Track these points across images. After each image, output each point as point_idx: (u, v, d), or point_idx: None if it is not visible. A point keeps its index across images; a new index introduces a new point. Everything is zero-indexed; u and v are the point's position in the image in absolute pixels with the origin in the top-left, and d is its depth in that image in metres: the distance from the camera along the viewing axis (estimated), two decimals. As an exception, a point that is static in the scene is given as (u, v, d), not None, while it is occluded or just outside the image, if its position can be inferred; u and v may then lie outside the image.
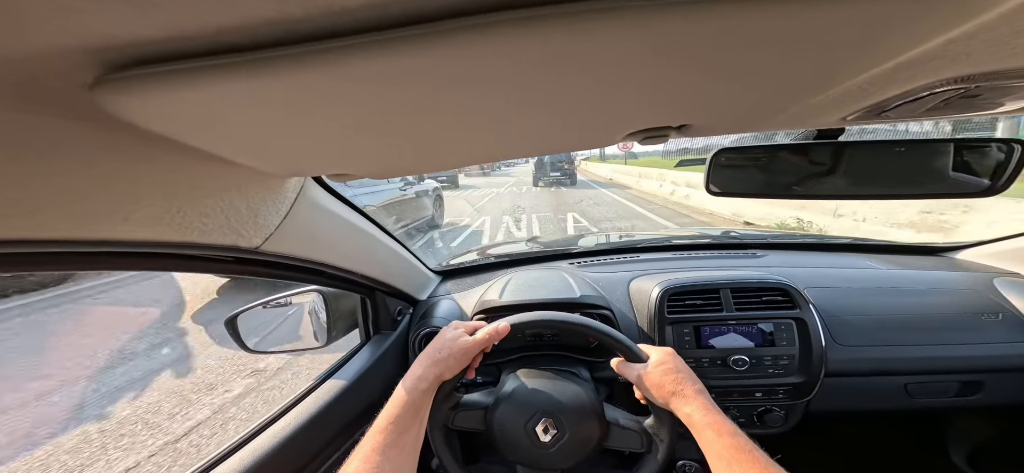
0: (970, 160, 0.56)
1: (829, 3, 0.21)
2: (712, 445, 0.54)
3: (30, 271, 0.37)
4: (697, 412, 0.58)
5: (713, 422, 0.56)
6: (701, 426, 0.57)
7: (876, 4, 0.22)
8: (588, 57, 0.26)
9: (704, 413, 0.58)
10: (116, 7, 0.17)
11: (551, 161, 15.82)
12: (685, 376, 0.64)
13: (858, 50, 0.28)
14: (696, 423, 0.58)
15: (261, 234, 0.52)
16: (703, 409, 0.58)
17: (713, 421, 0.56)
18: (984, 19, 0.24)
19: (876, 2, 0.22)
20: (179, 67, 0.22)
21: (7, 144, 0.27)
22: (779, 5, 0.22)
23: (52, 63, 0.22)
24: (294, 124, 0.31)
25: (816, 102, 0.38)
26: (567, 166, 16.11)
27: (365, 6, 0.19)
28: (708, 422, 0.56)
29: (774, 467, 0.49)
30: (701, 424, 0.57)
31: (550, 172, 15.94)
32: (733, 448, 0.52)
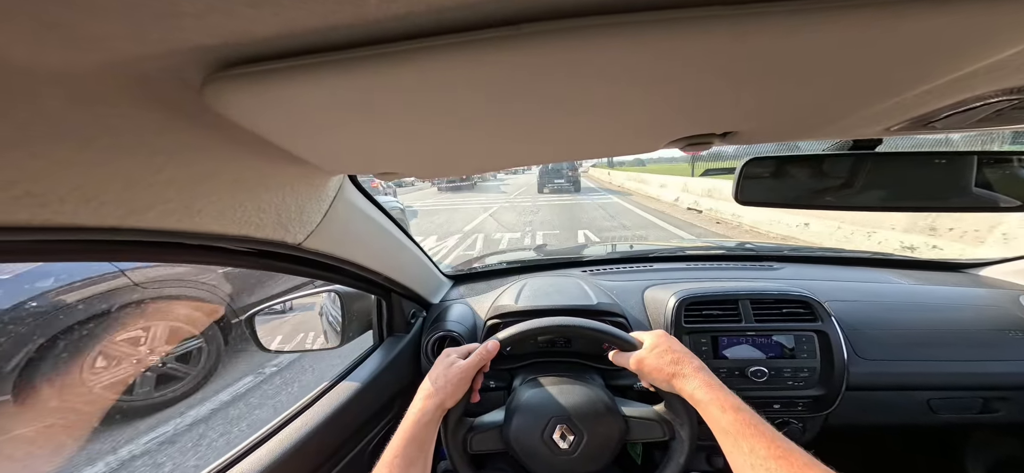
0: (1006, 175, 0.55)
1: (891, 18, 0.21)
2: (717, 421, 0.54)
3: (117, 260, 0.38)
4: (699, 389, 0.57)
5: (716, 397, 0.56)
6: (705, 403, 0.56)
7: (944, 18, 0.21)
8: (643, 66, 0.26)
9: (707, 389, 0.57)
10: (229, 10, 0.19)
11: (556, 168, 16.08)
12: (681, 354, 0.63)
13: (919, 62, 0.27)
14: (700, 400, 0.57)
15: (305, 230, 0.54)
16: (705, 385, 0.58)
17: (716, 396, 0.56)
18: None
19: (950, 11, 0.21)
20: (278, 65, 0.23)
21: (117, 141, 0.28)
22: (837, 17, 0.21)
23: (166, 62, 0.23)
24: (364, 122, 0.32)
25: (868, 113, 0.38)
26: (571, 173, 16.56)
27: (456, 6, 0.20)
28: (711, 398, 0.56)
29: (780, 439, 0.49)
30: (705, 401, 0.56)
31: (555, 179, 16.34)
32: (739, 422, 0.52)
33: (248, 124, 0.30)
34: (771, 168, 0.64)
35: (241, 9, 0.19)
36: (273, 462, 0.67)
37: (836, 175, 0.61)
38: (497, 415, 0.76)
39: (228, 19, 0.20)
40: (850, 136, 0.53)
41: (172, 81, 0.25)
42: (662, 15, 0.22)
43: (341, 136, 0.36)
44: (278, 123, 0.31)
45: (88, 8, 0.18)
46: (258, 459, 0.67)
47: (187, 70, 0.25)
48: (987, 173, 0.55)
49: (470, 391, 0.68)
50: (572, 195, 14.44)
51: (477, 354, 0.69)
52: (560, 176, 16.24)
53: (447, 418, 0.66)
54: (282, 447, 0.70)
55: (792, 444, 0.48)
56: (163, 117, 0.29)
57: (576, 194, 15.04)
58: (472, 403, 0.71)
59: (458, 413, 0.68)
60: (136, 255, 0.39)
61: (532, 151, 0.47)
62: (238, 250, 0.49)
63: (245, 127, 0.31)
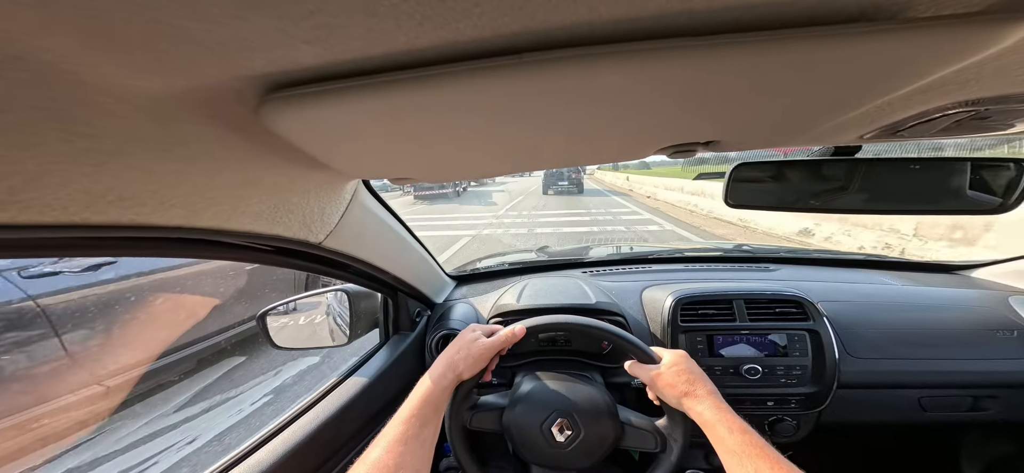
0: (983, 178, 0.58)
1: (848, 37, 0.25)
2: (724, 441, 0.55)
3: (179, 256, 0.43)
4: (709, 410, 0.59)
5: (724, 419, 0.57)
6: (713, 423, 0.58)
7: (895, 37, 0.25)
8: (629, 87, 0.30)
9: (715, 411, 0.59)
10: (291, 46, 0.23)
11: (559, 171, 16.83)
12: (697, 377, 0.66)
13: (878, 78, 0.31)
14: (708, 421, 0.59)
15: (325, 230, 0.58)
16: (714, 407, 0.60)
17: (724, 418, 0.58)
18: (995, 50, 0.27)
19: (895, 35, 0.25)
20: (320, 88, 0.28)
21: (187, 151, 0.33)
22: (795, 43, 0.25)
23: (233, 86, 0.28)
24: (387, 134, 0.37)
25: (836, 123, 0.41)
26: (574, 176, 17.55)
27: (468, 41, 0.24)
28: (719, 419, 0.58)
29: (785, 463, 0.50)
30: (713, 421, 0.58)
31: (558, 181, 17.31)
32: (744, 444, 0.53)
33: (291, 136, 0.35)
34: (758, 172, 0.68)
35: (299, 45, 0.23)
36: (287, 453, 0.71)
37: (820, 179, 0.65)
38: (501, 398, 0.79)
39: (288, 52, 0.24)
40: (826, 143, 0.56)
41: (233, 101, 0.30)
42: (645, 45, 0.26)
43: (366, 145, 0.40)
44: (315, 135, 0.36)
45: (188, 43, 0.22)
46: (272, 450, 0.70)
47: (247, 92, 0.29)
48: (966, 177, 0.58)
49: (485, 369, 0.71)
50: (575, 196, 15.44)
51: (501, 336, 0.71)
52: (563, 179, 17.13)
53: (457, 390, 0.68)
54: (295, 439, 0.73)
55: (794, 467, 0.50)
56: (222, 131, 0.34)
57: (579, 195, 15.94)
58: (484, 382, 0.74)
59: (468, 387, 0.71)
60: (192, 252, 0.44)
61: (533, 159, 0.51)
62: (267, 248, 0.54)
63: (288, 139, 0.35)
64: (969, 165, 0.59)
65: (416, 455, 0.55)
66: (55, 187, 0.27)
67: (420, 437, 0.56)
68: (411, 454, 0.54)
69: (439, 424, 0.62)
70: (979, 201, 0.59)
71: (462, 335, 0.72)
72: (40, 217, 0.27)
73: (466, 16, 0.22)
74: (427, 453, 0.58)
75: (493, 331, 0.73)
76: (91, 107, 0.25)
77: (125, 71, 0.24)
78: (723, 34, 0.25)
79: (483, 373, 0.71)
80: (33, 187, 0.26)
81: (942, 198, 0.61)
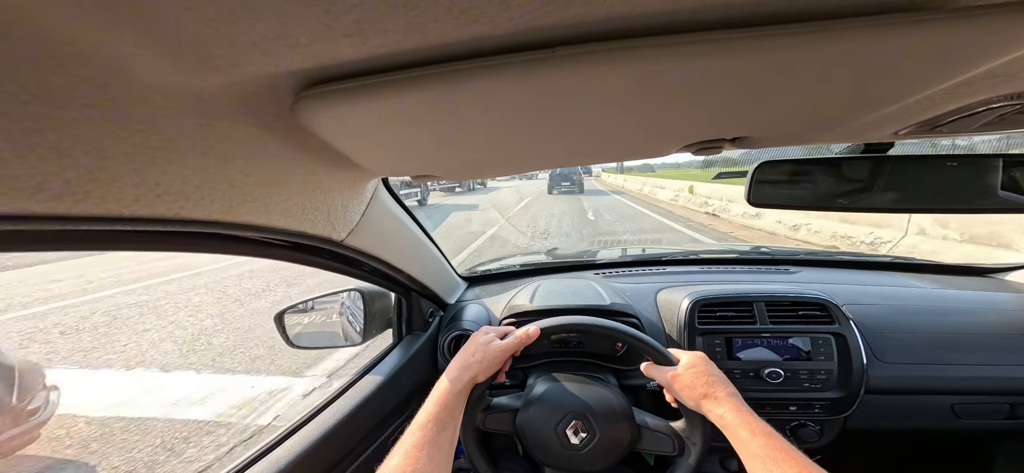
0: (1017, 176, 0.56)
1: (894, 27, 0.23)
2: (746, 445, 0.54)
3: (217, 251, 0.44)
4: (729, 413, 0.58)
5: (746, 422, 0.56)
6: (734, 426, 0.56)
7: (943, 27, 0.23)
8: (657, 81, 0.30)
9: (736, 413, 0.57)
10: (332, 40, 0.24)
11: (563, 173, 20.08)
12: (717, 378, 0.64)
13: (923, 70, 0.29)
14: (728, 424, 0.57)
15: (347, 227, 0.59)
16: (735, 410, 0.58)
17: (746, 421, 0.56)
18: None
19: (944, 25, 0.23)
20: (353, 83, 0.28)
21: (226, 149, 0.34)
22: (830, 34, 0.24)
23: (271, 81, 0.28)
24: (414, 130, 0.37)
25: (873, 118, 0.40)
26: (576, 177, 20.44)
27: (500, 35, 0.24)
28: (741, 422, 0.56)
29: (813, 467, 0.49)
30: (734, 424, 0.56)
31: (562, 182, 19.95)
32: (769, 447, 0.52)
33: (323, 132, 0.35)
34: (783, 171, 0.66)
35: (339, 39, 0.24)
36: (303, 451, 0.71)
37: (848, 178, 0.63)
38: (514, 400, 0.78)
39: (328, 46, 0.25)
40: (858, 140, 0.54)
41: (269, 99, 0.31)
42: (674, 39, 0.25)
43: (393, 142, 0.40)
44: (346, 131, 0.36)
45: (235, 39, 0.23)
46: (290, 448, 0.71)
47: (283, 89, 0.30)
48: (998, 176, 0.55)
49: (499, 371, 0.71)
50: (576, 195, 18.23)
51: (515, 338, 0.71)
52: (566, 180, 19.91)
53: (472, 392, 0.68)
54: (312, 437, 0.74)
55: (823, 471, 0.48)
56: (258, 130, 0.35)
57: (580, 194, 18.73)
58: (497, 384, 0.74)
59: (482, 389, 0.71)
60: (228, 248, 0.45)
61: (556, 155, 0.51)
62: (292, 244, 0.55)
63: (320, 135, 0.36)
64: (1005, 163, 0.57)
65: (434, 460, 0.55)
66: (108, 181, 0.28)
67: (437, 442, 0.56)
68: (429, 459, 0.54)
69: (457, 428, 0.61)
70: (1016, 201, 0.56)
71: (475, 337, 0.72)
72: (94, 209, 0.28)
73: (504, 8, 0.22)
74: (446, 457, 0.57)
75: (506, 332, 0.72)
76: (143, 104, 0.26)
77: (174, 68, 0.25)
78: (759, 26, 0.24)
79: (497, 375, 0.71)
80: (87, 181, 0.27)
81: (974, 197, 0.58)
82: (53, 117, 0.23)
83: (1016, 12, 0.23)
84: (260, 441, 0.72)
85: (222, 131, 0.33)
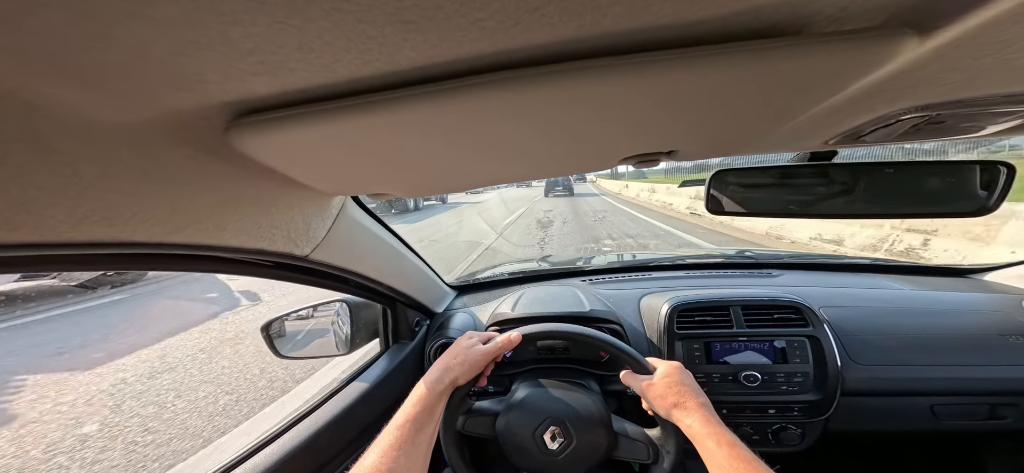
0: (962, 181, 0.58)
1: (761, 53, 0.27)
2: (712, 455, 0.55)
3: (161, 269, 0.47)
4: (697, 423, 0.59)
5: (713, 432, 0.57)
6: (701, 436, 0.58)
7: (803, 52, 0.27)
8: (591, 98, 0.33)
9: (704, 424, 0.59)
10: (240, 78, 0.26)
11: (555, 180, 24.48)
12: (688, 389, 0.66)
13: (801, 89, 0.33)
14: (696, 433, 0.59)
15: (311, 244, 0.61)
16: (703, 420, 0.59)
17: (713, 431, 0.57)
18: (906, 60, 0.28)
19: (804, 50, 0.27)
20: (281, 114, 0.31)
21: (164, 173, 0.36)
22: (734, 59, 0.27)
23: (198, 113, 0.31)
24: (358, 153, 0.40)
25: (789, 130, 0.43)
26: (567, 183, 25.35)
27: (425, 65, 0.27)
28: (708, 432, 0.57)
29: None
30: (701, 434, 0.58)
31: (556, 188, 24.39)
32: (732, 457, 0.53)
33: (261, 158, 0.38)
34: (737, 179, 0.68)
35: (248, 78, 0.26)
36: (284, 456, 0.73)
37: (799, 184, 0.65)
38: (495, 404, 0.80)
39: (239, 84, 0.27)
40: (792, 149, 0.57)
41: (203, 126, 0.33)
42: (604, 62, 0.28)
43: (335, 164, 0.43)
44: (283, 156, 0.38)
45: (148, 78, 0.25)
46: (270, 454, 0.73)
47: (214, 118, 0.32)
48: (936, 181, 0.58)
49: (480, 375, 0.72)
50: (568, 197, 22.25)
51: (497, 342, 0.72)
52: (559, 185, 24.53)
53: (453, 395, 0.70)
54: (292, 444, 0.76)
55: None
56: (197, 153, 0.37)
57: (570, 196, 22.87)
58: (478, 387, 0.75)
59: (463, 392, 0.72)
60: (175, 265, 0.47)
61: (505, 171, 0.53)
62: (255, 262, 0.57)
63: (259, 160, 0.38)
64: (948, 168, 0.59)
65: (411, 459, 0.56)
66: (41, 210, 0.29)
67: (415, 442, 0.57)
68: (406, 458, 0.55)
69: (435, 429, 0.62)
70: (960, 204, 0.59)
71: (458, 342, 0.73)
72: (28, 237, 0.30)
73: (400, 46, 0.24)
74: (422, 457, 0.59)
75: (489, 338, 0.74)
76: (71, 137, 0.28)
77: (97, 105, 0.27)
78: (668, 49, 0.27)
79: (479, 378, 0.73)
80: (21, 210, 0.28)
81: (924, 201, 0.61)
82: None
83: (861, 38, 0.26)
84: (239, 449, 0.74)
85: (158, 157, 0.34)
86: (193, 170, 0.38)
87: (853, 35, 0.25)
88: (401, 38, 0.23)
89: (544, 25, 0.23)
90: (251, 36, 0.22)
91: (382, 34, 0.23)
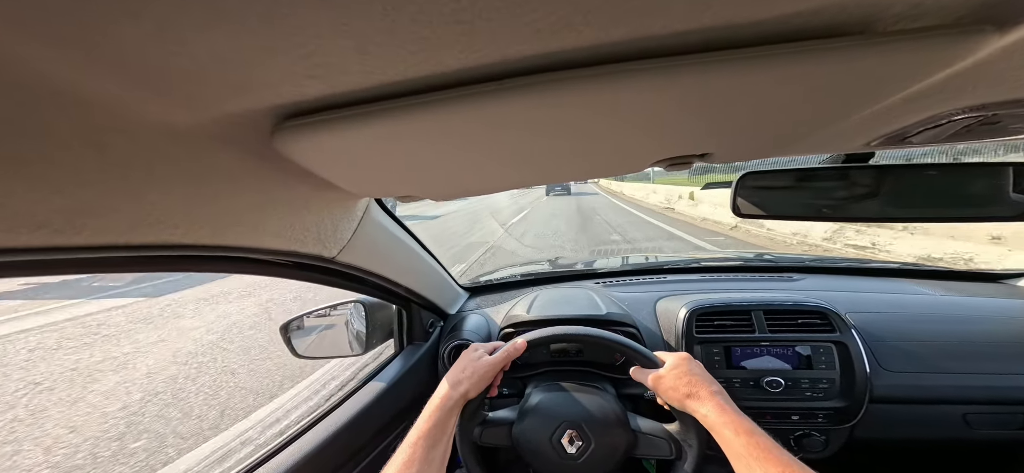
0: (1001, 183, 0.55)
1: (819, 53, 0.25)
2: (730, 444, 0.54)
3: (207, 270, 0.48)
4: (712, 412, 0.58)
5: (729, 421, 0.55)
6: (718, 425, 0.56)
7: (865, 52, 0.25)
8: (630, 101, 0.32)
9: (719, 412, 0.57)
10: (295, 82, 0.27)
11: None
12: (700, 378, 0.64)
13: (856, 90, 0.31)
14: (712, 423, 0.57)
15: (338, 245, 0.62)
16: (718, 409, 0.58)
17: (729, 420, 0.56)
18: (979, 57, 0.27)
19: (865, 50, 0.25)
20: (327, 116, 0.31)
21: (213, 176, 0.37)
22: (778, 59, 0.26)
23: (248, 116, 0.32)
24: (394, 155, 0.40)
25: (834, 131, 0.41)
26: (564, 185, 28.92)
27: (466, 68, 0.27)
28: (724, 421, 0.56)
29: (797, 464, 0.48)
30: (718, 424, 0.56)
31: (555, 188, 28.46)
32: (751, 445, 0.51)
33: (302, 160, 0.38)
34: (766, 181, 0.66)
35: (303, 81, 0.27)
36: (304, 457, 0.74)
37: (832, 187, 0.63)
38: (510, 413, 0.79)
39: (294, 88, 0.28)
40: (829, 151, 0.55)
41: (251, 129, 0.34)
42: (646, 64, 0.27)
43: (371, 167, 0.43)
44: (324, 159, 0.39)
45: (213, 83, 0.26)
46: (291, 454, 0.74)
47: (261, 121, 0.33)
48: (976, 184, 0.55)
49: (491, 386, 0.72)
50: (566, 197, 25.66)
51: (504, 351, 0.72)
52: (557, 187, 28.01)
53: (465, 408, 0.69)
54: (312, 444, 0.76)
55: (808, 468, 0.48)
56: (242, 156, 0.38)
57: (568, 196, 26.77)
58: (489, 398, 0.75)
59: (475, 405, 0.72)
60: (220, 267, 0.48)
61: (533, 174, 0.53)
62: (287, 263, 0.58)
63: (300, 163, 0.39)
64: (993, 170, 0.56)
65: None
66: (106, 212, 0.31)
67: (428, 459, 0.57)
68: None
69: (448, 445, 0.62)
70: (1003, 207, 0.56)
71: (465, 354, 0.73)
72: (92, 239, 0.31)
73: (450, 50, 0.24)
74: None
75: (495, 348, 0.74)
76: (134, 141, 0.29)
77: (161, 107, 0.28)
78: (712, 51, 0.26)
79: (489, 389, 0.72)
80: (86, 214, 0.30)
81: (961, 204, 0.58)
82: (52, 158, 0.25)
83: (930, 37, 0.24)
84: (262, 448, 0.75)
85: (209, 162, 0.35)
86: (238, 172, 0.39)
87: (925, 33, 0.24)
88: (453, 39, 0.23)
89: (595, 27, 0.23)
90: (313, 39, 0.22)
91: (435, 35, 0.23)
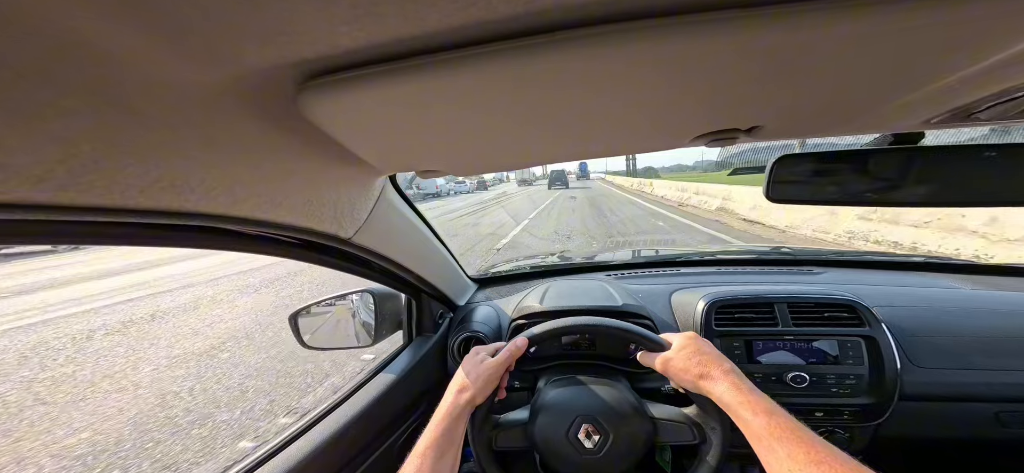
0: None
1: (906, 11, 0.21)
2: (749, 425, 0.51)
3: (223, 248, 0.45)
4: (727, 392, 0.55)
5: (746, 400, 0.53)
6: (734, 405, 0.54)
7: (952, 10, 0.21)
8: (666, 66, 0.28)
9: (735, 392, 0.55)
10: (331, 28, 0.24)
11: (556, 176, 33.95)
12: (710, 356, 0.61)
13: (947, 51, 0.27)
14: (728, 403, 0.55)
15: (354, 225, 0.59)
16: (734, 387, 0.55)
17: (746, 399, 0.53)
18: None
19: (963, 7, 0.21)
20: (356, 73, 0.28)
21: (230, 140, 0.34)
22: (851, 13, 0.22)
23: (274, 73, 0.29)
24: (418, 123, 0.37)
25: (899, 104, 0.37)
26: (563, 178, 33.37)
27: (500, 19, 0.24)
28: (741, 400, 0.53)
29: (820, 443, 0.45)
30: (734, 404, 0.54)
31: (556, 181, 31.62)
32: (772, 426, 0.49)
33: (325, 125, 0.35)
34: (804, 164, 0.62)
35: (338, 27, 0.24)
36: (313, 450, 0.72)
37: (877, 171, 0.59)
38: (522, 413, 0.76)
39: (327, 35, 0.24)
40: (884, 130, 0.51)
41: (273, 90, 0.31)
42: (684, 19, 0.24)
43: (397, 135, 0.40)
44: (349, 123, 0.36)
45: (236, 30, 0.23)
46: (300, 447, 0.72)
47: (285, 81, 0.29)
48: None
49: (498, 388, 0.70)
50: (563, 190, 27.18)
51: (506, 351, 0.70)
52: (559, 180, 32.22)
53: (474, 414, 0.67)
54: (321, 437, 0.74)
55: (833, 448, 0.45)
56: (262, 123, 0.35)
57: (565, 189, 28.32)
58: (498, 400, 0.72)
59: (485, 409, 0.69)
60: (238, 245, 0.46)
61: (565, 148, 0.49)
62: (300, 242, 0.55)
63: (323, 128, 0.36)
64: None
65: None
66: (111, 172, 0.28)
67: (436, 469, 0.55)
68: None
69: (457, 454, 0.60)
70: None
71: (467, 360, 0.71)
72: (99, 200, 0.28)
73: None
74: None
75: (497, 349, 0.71)
76: (147, 95, 0.26)
77: (179, 60, 0.25)
78: (773, 4, 0.23)
79: (497, 392, 0.70)
80: (91, 171, 0.27)
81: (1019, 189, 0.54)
82: (56, 105, 0.23)
83: None
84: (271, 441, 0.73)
85: (226, 124, 0.33)
86: (257, 139, 0.36)
87: None
88: None
89: None
90: None
91: None
